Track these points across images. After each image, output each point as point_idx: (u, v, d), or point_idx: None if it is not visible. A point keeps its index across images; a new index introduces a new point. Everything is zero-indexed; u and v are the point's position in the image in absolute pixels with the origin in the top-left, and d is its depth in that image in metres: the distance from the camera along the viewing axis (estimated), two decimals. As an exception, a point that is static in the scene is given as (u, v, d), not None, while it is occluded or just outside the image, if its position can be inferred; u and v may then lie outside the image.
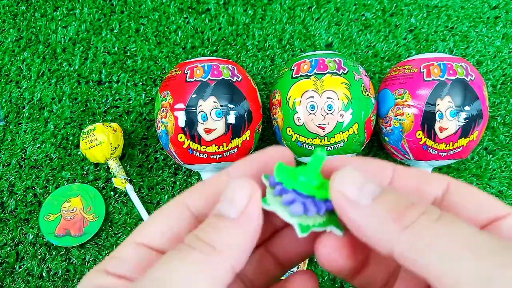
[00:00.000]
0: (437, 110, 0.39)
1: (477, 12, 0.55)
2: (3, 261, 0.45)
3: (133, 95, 0.51)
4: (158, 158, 0.49)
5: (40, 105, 0.51)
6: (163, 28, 0.54)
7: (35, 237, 0.46)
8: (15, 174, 0.48)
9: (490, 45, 0.53)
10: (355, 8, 0.55)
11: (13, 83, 0.52)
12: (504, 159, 0.48)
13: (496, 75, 0.52)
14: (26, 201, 0.47)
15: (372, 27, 0.54)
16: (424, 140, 0.40)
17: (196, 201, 0.16)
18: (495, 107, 0.51)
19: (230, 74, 0.41)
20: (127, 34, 0.54)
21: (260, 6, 0.55)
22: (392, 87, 0.42)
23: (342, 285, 0.44)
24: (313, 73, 0.40)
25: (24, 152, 0.49)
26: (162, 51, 0.53)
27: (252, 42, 0.54)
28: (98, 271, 0.15)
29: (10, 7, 0.55)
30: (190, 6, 0.55)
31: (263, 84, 0.52)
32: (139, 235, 0.16)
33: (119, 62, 0.53)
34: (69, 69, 0.52)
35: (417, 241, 0.13)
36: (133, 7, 0.55)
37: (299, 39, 0.54)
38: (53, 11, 0.55)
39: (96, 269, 0.15)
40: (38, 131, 0.50)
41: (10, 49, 0.53)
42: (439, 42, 0.53)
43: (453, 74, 0.39)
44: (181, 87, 0.40)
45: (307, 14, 0.55)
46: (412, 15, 0.55)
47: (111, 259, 0.15)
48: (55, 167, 0.48)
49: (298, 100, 0.40)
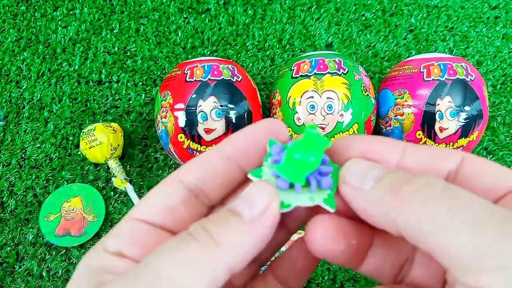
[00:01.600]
0: (437, 110, 0.39)
1: (477, 12, 0.55)
2: (3, 261, 0.45)
3: (133, 95, 0.51)
4: (158, 158, 0.49)
5: (40, 105, 0.51)
6: (163, 28, 0.54)
7: (35, 237, 0.46)
8: (15, 174, 0.48)
9: (490, 45, 0.53)
10: (355, 8, 0.55)
11: (13, 83, 0.52)
12: (504, 159, 0.48)
13: (496, 75, 0.52)
14: (26, 201, 0.47)
15: (372, 27, 0.54)
16: (424, 140, 0.40)
17: (190, 176, 0.16)
18: (495, 107, 0.51)
19: (230, 74, 0.41)
20: (127, 34, 0.54)
21: (260, 6, 0.55)
22: (392, 87, 0.42)
23: (342, 285, 0.44)
24: (313, 73, 0.40)
25: (24, 152, 0.49)
26: (162, 51, 0.53)
27: (252, 42, 0.54)
28: (97, 251, 0.15)
29: (10, 7, 0.55)
30: (190, 6, 0.55)
31: (263, 84, 0.52)
32: (136, 212, 0.16)
33: (119, 62, 0.53)
34: (69, 69, 0.52)
35: (416, 213, 0.12)
36: (133, 7, 0.55)
37: (299, 39, 0.54)
38: (53, 11, 0.55)
39: (96, 248, 0.15)
40: (38, 131, 0.50)
41: (10, 49, 0.53)
42: (439, 42, 0.53)
43: (453, 74, 0.39)
44: (181, 87, 0.40)
45: (307, 14, 0.55)
46: (412, 15, 0.55)
47: (110, 237, 0.15)
48: (55, 167, 0.48)
49: (298, 100, 0.40)
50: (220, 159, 0.16)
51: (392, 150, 0.16)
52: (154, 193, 0.16)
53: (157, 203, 0.16)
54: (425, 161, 0.15)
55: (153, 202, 0.16)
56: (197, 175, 0.16)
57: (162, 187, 0.16)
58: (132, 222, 0.16)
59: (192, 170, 0.17)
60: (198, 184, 0.16)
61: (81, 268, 0.15)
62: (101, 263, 0.15)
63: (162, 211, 0.16)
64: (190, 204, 0.16)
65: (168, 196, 0.16)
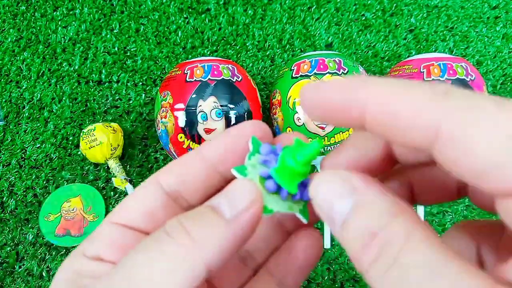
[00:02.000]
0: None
1: (477, 12, 0.55)
2: (3, 261, 0.45)
3: (133, 95, 0.51)
4: (158, 158, 0.49)
5: (40, 105, 0.51)
6: (163, 28, 0.54)
7: (35, 237, 0.46)
8: (15, 174, 0.48)
9: (490, 45, 0.53)
10: (355, 8, 0.55)
11: (13, 83, 0.52)
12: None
13: (496, 75, 0.52)
14: (26, 201, 0.47)
15: (372, 27, 0.54)
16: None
17: (169, 179, 0.16)
18: (495, 107, 0.51)
19: (230, 74, 0.41)
20: (127, 34, 0.54)
21: (260, 6, 0.55)
22: (392, 87, 0.42)
23: (342, 285, 0.44)
24: (313, 73, 0.40)
25: (24, 152, 0.49)
26: (162, 51, 0.53)
27: (252, 42, 0.54)
28: (76, 256, 0.15)
29: (10, 7, 0.55)
30: (190, 6, 0.55)
31: (263, 84, 0.52)
32: (115, 215, 0.16)
33: (119, 62, 0.53)
34: (69, 69, 0.52)
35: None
36: (133, 7, 0.55)
37: (299, 39, 0.54)
38: (53, 11, 0.55)
39: (75, 253, 0.15)
40: (38, 131, 0.50)
41: (10, 49, 0.53)
42: (439, 42, 0.53)
43: (453, 74, 0.39)
44: (181, 87, 0.40)
45: (307, 14, 0.55)
46: (412, 15, 0.55)
47: (89, 242, 0.15)
48: (55, 167, 0.48)
49: (298, 100, 0.40)
50: (199, 163, 0.16)
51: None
52: (132, 196, 0.16)
53: (135, 206, 0.16)
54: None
55: (131, 206, 0.16)
56: (175, 179, 0.16)
57: (141, 191, 0.16)
58: (110, 226, 0.16)
59: (170, 173, 0.16)
60: (177, 188, 0.16)
61: (61, 274, 0.15)
62: (79, 268, 0.15)
63: (140, 215, 0.16)
64: (168, 208, 0.16)
65: (146, 199, 0.16)
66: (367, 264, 0.11)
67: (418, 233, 0.11)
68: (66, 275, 0.15)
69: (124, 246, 0.15)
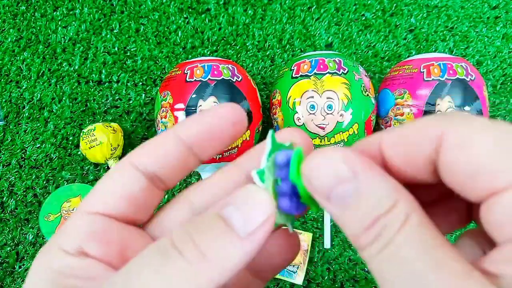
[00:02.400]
0: (437, 110, 0.38)
1: (477, 12, 0.55)
2: (3, 261, 0.45)
3: (133, 95, 0.51)
4: (158, 158, 0.49)
5: (40, 105, 0.51)
6: (163, 28, 0.54)
7: (35, 237, 0.46)
8: (15, 174, 0.48)
9: (490, 45, 0.53)
10: (355, 8, 0.55)
11: (13, 83, 0.52)
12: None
13: (496, 75, 0.52)
14: (26, 201, 0.47)
15: (372, 27, 0.54)
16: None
17: (144, 160, 0.15)
18: (495, 107, 0.51)
19: (230, 74, 0.41)
20: (127, 34, 0.54)
21: (260, 6, 0.55)
22: (392, 87, 0.42)
23: (342, 285, 0.44)
24: (313, 73, 0.40)
25: (24, 152, 0.49)
26: (162, 51, 0.53)
27: (252, 42, 0.54)
28: (53, 252, 0.14)
29: (10, 7, 0.55)
30: (190, 6, 0.55)
31: (263, 84, 0.52)
32: (89, 204, 0.15)
33: (119, 62, 0.53)
34: (69, 69, 0.52)
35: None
36: (133, 7, 0.55)
37: (299, 39, 0.54)
38: (53, 11, 0.55)
39: (49, 249, 0.14)
40: (38, 131, 0.50)
41: (10, 49, 0.53)
42: (439, 42, 0.53)
43: (453, 74, 0.39)
44: (181, 87, 0.40)
45: (307, 14, 0.55)
46: (412, 15, 0.55)
47: (65, 235, 0.14)
48: (55, 167, 0.48)
49: (298, 100, 0.40)
50: (174, 144, 0.15)
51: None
52: (104, 181, 0.15)
53: (112, 192, 0.15)
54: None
55: (108, 191, 0.15)
56: (151, 160, 0.15)
57: (115, 174, 0.15)
58: (86, 217, 0.14)
59: (145, 155, 0.15)
60: (152, 169, 0.15)
61: (37, 274, 0.14)
62: (61, 265, 0.13)
63: (119, 200, 0.14)
64: (147, 191, 0.15)
65: (123, 183, 0.15)
66: (365, 244, 0.12)
67: (416, 218, 0.12)
68: (44, 275, 0.13)
69: (107, 238, 0.14)
